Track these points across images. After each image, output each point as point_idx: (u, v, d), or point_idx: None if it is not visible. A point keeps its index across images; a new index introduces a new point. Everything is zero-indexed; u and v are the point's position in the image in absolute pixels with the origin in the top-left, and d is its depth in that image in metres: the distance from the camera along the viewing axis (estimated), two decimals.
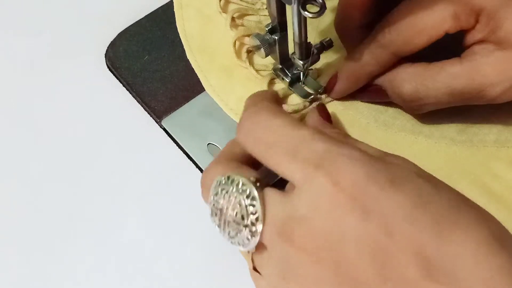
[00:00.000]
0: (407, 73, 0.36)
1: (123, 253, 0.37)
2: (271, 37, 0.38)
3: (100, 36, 0.46)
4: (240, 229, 0.27)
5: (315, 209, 0.25)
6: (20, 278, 0.36)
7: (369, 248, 0.24)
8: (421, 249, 0.23)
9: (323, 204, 0.24)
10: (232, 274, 0.36)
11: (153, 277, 0.36)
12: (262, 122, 0.28)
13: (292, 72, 0.40)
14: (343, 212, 0.24)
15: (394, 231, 0.23)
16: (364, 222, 0.24)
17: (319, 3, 0.32)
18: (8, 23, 0.48)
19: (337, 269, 0.24)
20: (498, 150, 0.38)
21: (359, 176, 0.24)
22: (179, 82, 0.43)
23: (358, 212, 0.24)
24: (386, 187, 0.24)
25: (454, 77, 0.34)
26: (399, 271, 0.23)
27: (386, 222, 0.24)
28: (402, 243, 0.23)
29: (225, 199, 0.27)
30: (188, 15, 0.46)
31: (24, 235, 0.38)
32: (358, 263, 0.24)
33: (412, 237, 0.23)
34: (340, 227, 0.24)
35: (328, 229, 0.24)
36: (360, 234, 0.24)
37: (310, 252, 0.25)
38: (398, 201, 0.24)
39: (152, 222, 0.38)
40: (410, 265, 0.23)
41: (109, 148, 0.41)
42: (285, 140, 0.27)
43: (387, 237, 0.23)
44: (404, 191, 0.24)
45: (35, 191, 0.39)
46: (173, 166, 0.40)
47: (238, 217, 0.27)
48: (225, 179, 0.28)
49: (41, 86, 0.44)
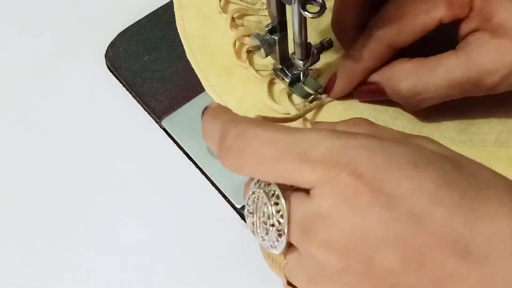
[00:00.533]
0: (404, 70, 0.36)
1: (123, 253, 0.37)
2: (271, 37, 0.38)
3: (100, 36, 0.46)
4: (268, 229, 0.26)
5: (339, 205, 0.24)
6: (19, 277, 0.36)
7: (398, 238, 0.23)
8: (453, 232, 0.22)
9: (347, 199, 0.23)
10: (232, 274, 0.36)
11: (153, 277, 0.36)
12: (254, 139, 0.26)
13: (292, 72, 0.40)
14: (368, 204, 0.23)
15: (421, 216, 0.23)
16: (390, 212, 0.23)
17: (319, 3, 0.32)
18: (8, 23, 0.48)
19: (367, 265, 0.23)
20: (498, 150, 0.38)
21: (379, 164, 0.23)
22: (179, 82, 0.43)
23: (383, 202, 0.23)
24: (407, 171, 0.23)
25: (452, 69, 0.34)
26: (432, 258, 0.22)
27: (410, 208, 0.23)
28: (431, 228, 0.22)
29: (254, 201, 0.27)
30: (188, 15, 0.46)
31: (24, 234, 0.38)
32: (388, 255, 0.23)
33: (442, 220, 0.22)
34: (366, 220, 0.23)
35: (354, 224, 0.23)
36: (387, 225, 0.23)
37: (336, 249, 0.24)
38: (421, 183, 0.23)
39: (152, 222, 0.38)
40: (443, 249, 0.22)
41: (109, 148, 0.41)
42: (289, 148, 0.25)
43: (415, 223, 0.23)
44: (427, 172, 0.23)
45: (35, 191, 0.39)
46: (173, 166, 0.40)
47: (265, 217, 0.26)
48: (255, 182, 0.27)
49: (41, 86, 0.44)
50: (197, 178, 0.39)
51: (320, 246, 0.24)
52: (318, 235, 0.24)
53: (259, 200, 0.26)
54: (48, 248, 0.37)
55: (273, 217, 0.26)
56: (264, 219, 0.26)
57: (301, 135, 0.25)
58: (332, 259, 0.24)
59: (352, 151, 0.24)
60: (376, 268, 0.23)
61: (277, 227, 0.26)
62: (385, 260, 0.23)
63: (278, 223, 0.25)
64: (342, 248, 0.24)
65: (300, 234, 0.25)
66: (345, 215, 0.23)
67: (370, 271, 0.23)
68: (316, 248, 0.24)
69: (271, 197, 0.26)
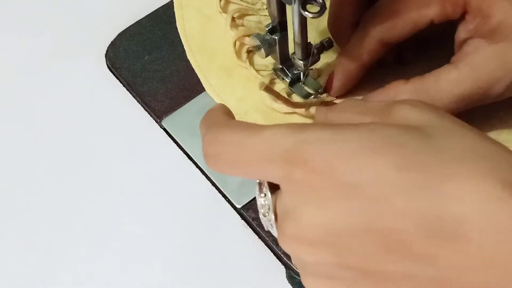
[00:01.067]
0: (405, 92, 0.35)
1: (123, 252, 0.37)
2: (271, 37, 0.38)
3: (100, 36, 0.46)
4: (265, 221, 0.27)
5: (299, 201, 0.24)
6: (19, 277, 0.36)
7: (361, 227, 0.22)
8: (415, 214, 0.22)
9: (305, 194, 0.24)
10: (232, 274, 0.36)
11: (153, 277, 0.36)
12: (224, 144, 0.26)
13: (292, 72, 0.40)
14: (326, 197, 0.23)
15: (381, 201, 0.22)
16: (349, 202, 0.23)
17: (319, 3, 0.32)
18: (8, 23, 0.48)
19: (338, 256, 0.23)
20: None
21: (332, 156, 0.23)
22: (179, 82, 0.43)
23: (339, 193, 0.23)
24: (363, 158, 0.23)
25: (456, 83, 0.33)
26: (399, 242, 0.22)
27: (369, 195, 0.22)
28: (393, 212, 0.22)
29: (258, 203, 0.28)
30: (188, 15, 0.46)
31: (23, 234, 0.38)
32: (355, 245, 0.23)
33: (402, 203, 0.22)
34: (326, 213, 0.23)
35: (316, 218, 0.23)
36: (347, 216, 0.23)
37: (304, 243, 0.24)
38: (378, 168, 0.22)
39: (152, 222, 0.38)
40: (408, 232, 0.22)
41: (109, 148, 0.41)
42: (254, 149, 0.25)
43: (375, 209, 0.22)
44: (384, 155, 0.23)
45: (35, 190, 0.39)
46: (173, 166, 0.40)
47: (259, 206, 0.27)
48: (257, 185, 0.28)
49: (41, 86, 0.44)
50: (197, 178, 0.39)
51: (290, 242, 0.24)
52: (286, 231, 0.24)
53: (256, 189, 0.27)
54: (48, 248, 0.37)
55: (262, 207, 0.27)
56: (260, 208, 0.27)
57: (264, 134, 0.25)
58: (304, 253, 0.24)
59: (304, 146, 0.24)
60: (347, 259, 0.23)
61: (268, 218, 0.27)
62: (353, 250, 0.23)
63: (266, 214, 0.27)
64: (310, 242, 0.24)
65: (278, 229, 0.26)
66: (306, 210, 0.24)
67: (343, 261, 0.23)
68: (287, 245, 0.25)
69: (261, 188, 0.27)
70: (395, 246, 0.22)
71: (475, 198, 0.21)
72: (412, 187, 0.22)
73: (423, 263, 0.22)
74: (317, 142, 0.24)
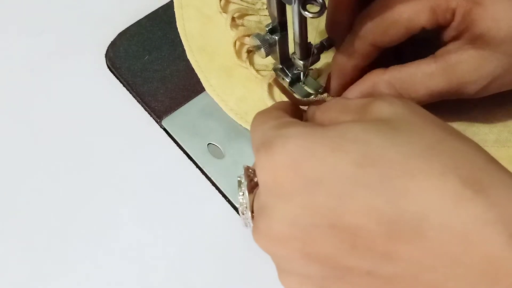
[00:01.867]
0: (382, 81, 0.36)
1: (123, 252, 0.37)
2: (271, 37, 0.38)
3: (100, 36, 0.46)
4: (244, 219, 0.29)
5: (267, 196, 0.25)
6: (19, 277, 0.36)
7: (325, 222, 0.23)
8: (376, 212, 0.22)
9: (272, 189, 0.25)
10: (232, 274, 0.36)
11: (153, 277, 0.36)
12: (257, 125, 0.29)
13: (292, 72, 0.40)
14: (290, 191, 0.24)
15: (342, 197, 0.22)
16: (312, 197, 0.23)
17: (319, 3, 0.32)
18: (8, 23, 0.48)
19: (303, 252, 0.24)
20: (498, 150, 0.38)
21: (294, 152, 0.24)
22: (179, 82, 0.43)
23: (302, 187, 0.23)
24: (324, 156, 0.23)
25: (431, 77, 0.34)
26: (361, 238, 0.22)
27: (331, 190, 0.23)
28: (354, 208, 0.22)
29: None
30: (188, 15, 0.46)
31: (23, 234, 0.38)
32: (319, 239, 0.23)
33: (363, 200, 0.22)
34: (291, 207, 0.24)
35: (283, 213, 0.24)
36: (311, 210, 0.23)
37: (274, 239, 0.25)
38: (339, 166, 0.23)
39: (152, 222, 0.38)
40: (369, 229, 0.22)
41: (109, 148, 0.41)
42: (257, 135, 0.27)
43: (337, 205, 0.23)
44: (346, 153, 0.23)
45: (35, 190, 0.39)
46: (173, 166, 0.40)
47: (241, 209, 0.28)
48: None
49: (41, 86, 0.44)
50: (197, 178, 0.39)
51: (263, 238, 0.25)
52: (259, 227, 0.25)
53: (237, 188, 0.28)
54: (48, 247, 0.37)
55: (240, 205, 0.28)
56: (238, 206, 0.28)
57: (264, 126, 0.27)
58: (275, 248, 0.25)
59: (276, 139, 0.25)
60: (312, 254, 0.24)
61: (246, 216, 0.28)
62: (318, 245, 0.23)
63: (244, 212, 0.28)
64: (279, 237, 0.24)
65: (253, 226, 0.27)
66: (275, 205, 0.24)
67: (309, 257, 0.24)
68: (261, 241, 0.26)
69: (240, 187, 0.28)
70: (358, 242, 0.23)
71: (435, 195, 0.21)
72: (372, 183, 0.22)
73: (384, 259, 0.22)
74: (289, 137, 0.25)
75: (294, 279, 0.26)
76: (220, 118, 0.41)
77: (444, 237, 0.21)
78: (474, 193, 0.21)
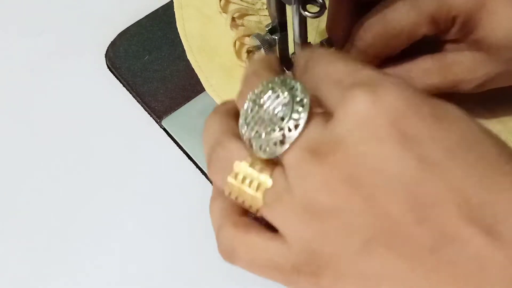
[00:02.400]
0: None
1: (123, 252, 0.37)
2: (271, 37, 0.38)
3: (100, 36, 0.46)
4: (274, 129, 0.24)
5: (352, 130, 0.22)
6: (18, 277, 0.36)
7: (405, 181, 0.21)
8: (461, 193, 0.21)
9: (360, 125, 0.22)
10: (232, 274, 0.36)
11: (153, 277, 0.36)
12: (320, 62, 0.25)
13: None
14: (380, 136, 0.22)
15: (434, 166, 0.21)
16: (402, 152, 0.21)
17: (319, 3, 0.32)
18: (8, 23, 0.48)
19: (369, 200, 0.22)
20: None
21: (401, 102, 0.22)
22: (179, 82, 0.43)
23: (396, 139, 0.22)
24: (429, 119, 0.22)
25: (425, 73, 0.35)
26: (435, 213, 0.21)
27: (426, 156, 0.21)
28: (441, 182, 0.21)
29: (272, 97, 0.24)
30: (188, 15, 0.46)
31: (23, 233, 0.38)
32: (392, 197, 0.21)
33: (453, 177, 0.21)
34: (376, 153, 0.22)
35: (366, 154, 0.22)
36: (398, 165, 0.21)
37: (341, 176, 0.22)
38: (441, 136, 0.22)
39: (152, 222, 0.38)
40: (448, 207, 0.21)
41: (109, 148, 0.41)
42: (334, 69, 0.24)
43: (426, 173, 0.21)
44: (449, 127, 0.22)
45: (35, 190, 0.39)
46: (173, 166, 0.40)
47: (278, 116, 0.24)
48: (280, 80, 0.25)
49: (41, 85, 0.44)
50: (197, 178, 0.39)
51: (327, 168, 0.22)
52: (327, 157, 0.22)
53: (279, 98, 0.24)
54: (48, 247, 0.37)
55: (287, 121, 0.23)
56: (274, 118, 0.24)
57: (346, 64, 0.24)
58: (334, 184, 0.22)
59: (379, 82, 0.23)
60: (376, 209, 0.22)
61: (284, 133, 0.23)
62: (387, 202, 0.22)
63: (289, 130, 0.23)
64: (348, 176, 0.22)
65: (307, 152, 0.23)
66: (359, 142, 0.22)
67: (370, 210, 0.22)
68: (322, 169, 0.22)
69: (295, 103, 0.24)
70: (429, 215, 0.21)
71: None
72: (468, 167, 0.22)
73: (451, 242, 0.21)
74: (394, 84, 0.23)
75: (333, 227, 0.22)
76: None
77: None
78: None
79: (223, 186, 0.26)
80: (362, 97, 0.22)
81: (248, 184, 0.24)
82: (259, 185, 0.24)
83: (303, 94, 0.24)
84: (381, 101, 0.22)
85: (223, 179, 0.25)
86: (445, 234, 0.21)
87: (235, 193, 0.25)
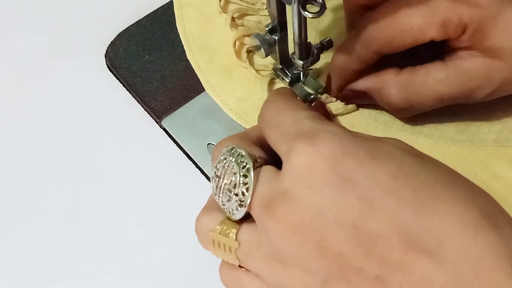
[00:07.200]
0: (394, 83, 0.36)
1: (123, 252, 0.37)
2: (271, 37, 0.38)
3: (100, 36, 0.46)
4: (231, 197, 0.27)
5: (296, 182, 0.25)
6: (18, 277, 0.36)
7: (350, 220, 0.24)
8: (402, 224, 0.23)
9: (303, 176, 0.25)
10: None
11: (153, 277, 0.36)
12: (274, 107, 0.29)
13: (292, 72, 0.40)
14: (321, 184, 0.24)
15: (374, 203, 0.24)
16: (343, 195, 0.24)
17: (319, 3, 0.32)
18: (8, 23, 0.49)
19: (319, 245, 0.24)
20: (498, 149, 0.38)
21: (337, 149, 0.25)
22: (179, 82, 0.43)
23: (335, 184, 0.24)
24: (365, 161, 0.24)
25: (442, 83, 0.35)
26: (380, 245, 0.23)
27: (364, 194, 0.24)
28: (382, 216, 0.23)
29: (224, 167, 0.28)
30: (188, 15, 0.46)
31: (23, 233, 0.38)
32: (341, 237, 0.24)
33: (392, 210, 0.23)
34: (320, 199, 0.24)
35: (310, 202, 0.24)
36: (340, 207, 0.24)
37: (291, 225, 0.25)
38: (377, 174, 0.24)
39: (152, 222, 0.38)
40: (391, 238, 0.23)
41: (109, 148, 0.41)
42: (283, 120, 0.28)
43: (367, 210, 0.23)
44: (384, 164, 0.24)
45: (35, 190, 0.40)
46: (173, 166, 0.40)
47: (231, 185, 0.27)
48: (229, 149, 0.28)
49: (41, 86, 0.44)
50: (197, 178, 0.39)
51: (278, 221, 0.25)
52: (277, 210, 0.25)
53: (229, 168, 0.28)
54: (47, 247, 0.37)
55: (239, 187, 0.27)
56: (229, 186, 0.27)
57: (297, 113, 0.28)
58: (288, 236, 0.25)
59: (318, 132, 0.25)
60: (327, 250, 0.24)
61: (240, 198, 0.27)
62: (336, 242, 0.24)
63: (242, 194, 0.27)
64: (297, 225, 0.24)
65: (261, 208, 0.26)
66: (302, 192, 0.25)
67: (322, 252, 0.24)
68: (273, 223, 0.25)
69: (241, 169, 0.27)
70: (376, 248, 0.23)
71: (458, 221, 0.23)
72: (404, 197, 0.24)
73: (397, 269, 0.23)
74: (335, 134, 0.25)
75: (296, 272, 0.26)
76: (220, 118, 0.41)
77: (459, 261, 0.22)
78: (491, 226, 0.23)
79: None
80: (302, 150, 0.25)
81: (223, 248, 0.28)
82: (230, 248, 0.28)
83: (247, 159, 0.27)
84: (320, 152, 0.25)
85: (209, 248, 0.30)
86: (391, 262, 0.23)
87: (221, 256, 0.29)
